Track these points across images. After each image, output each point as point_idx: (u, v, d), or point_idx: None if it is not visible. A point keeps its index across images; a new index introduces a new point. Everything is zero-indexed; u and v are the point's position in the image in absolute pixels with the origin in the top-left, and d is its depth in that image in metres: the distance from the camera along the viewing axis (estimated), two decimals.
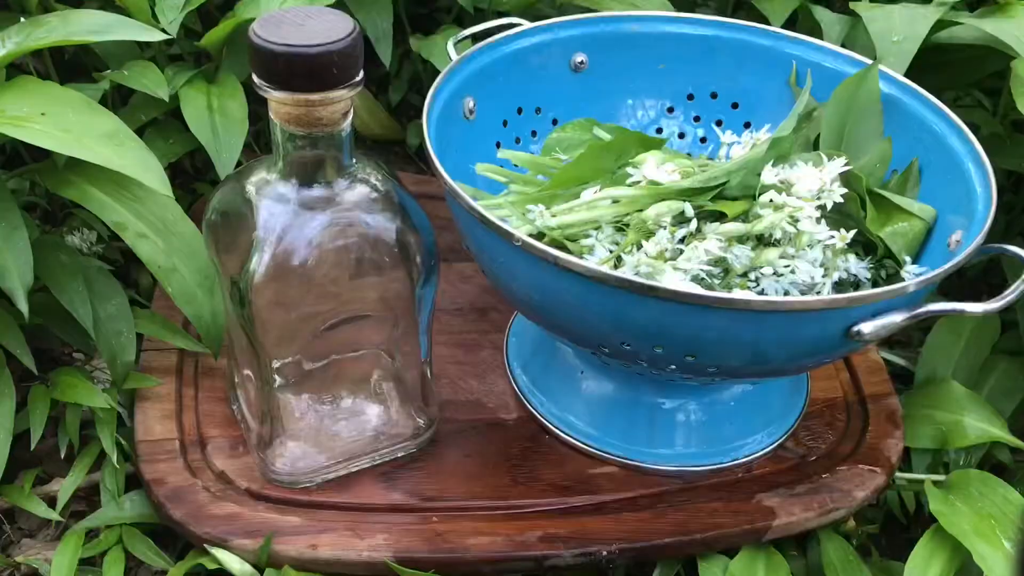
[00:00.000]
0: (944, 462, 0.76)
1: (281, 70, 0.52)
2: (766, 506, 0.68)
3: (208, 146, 0.80)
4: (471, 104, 0.73)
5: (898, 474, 0.74)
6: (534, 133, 0.79)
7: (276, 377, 0.62)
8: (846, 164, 0.66)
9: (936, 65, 0.86)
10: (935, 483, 0.71)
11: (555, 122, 0.79)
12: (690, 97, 0.81)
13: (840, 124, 0.73)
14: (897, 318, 0.56)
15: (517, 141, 0.78)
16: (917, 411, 0.77)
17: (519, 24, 0.77)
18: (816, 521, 0.69)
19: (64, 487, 0.70)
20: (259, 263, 0.56)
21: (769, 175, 0.64)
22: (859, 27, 0.86)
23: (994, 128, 0.88)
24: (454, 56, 0.73)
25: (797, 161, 0.67)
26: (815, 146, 0.74)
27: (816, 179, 0.63)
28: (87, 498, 0.72)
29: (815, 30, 0.89)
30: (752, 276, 0.63)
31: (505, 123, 0.77)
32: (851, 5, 0.87)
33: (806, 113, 0.76)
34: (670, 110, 0.82)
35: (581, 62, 0.79)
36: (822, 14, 0.91)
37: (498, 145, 0.76)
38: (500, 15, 0.79)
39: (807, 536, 0.71)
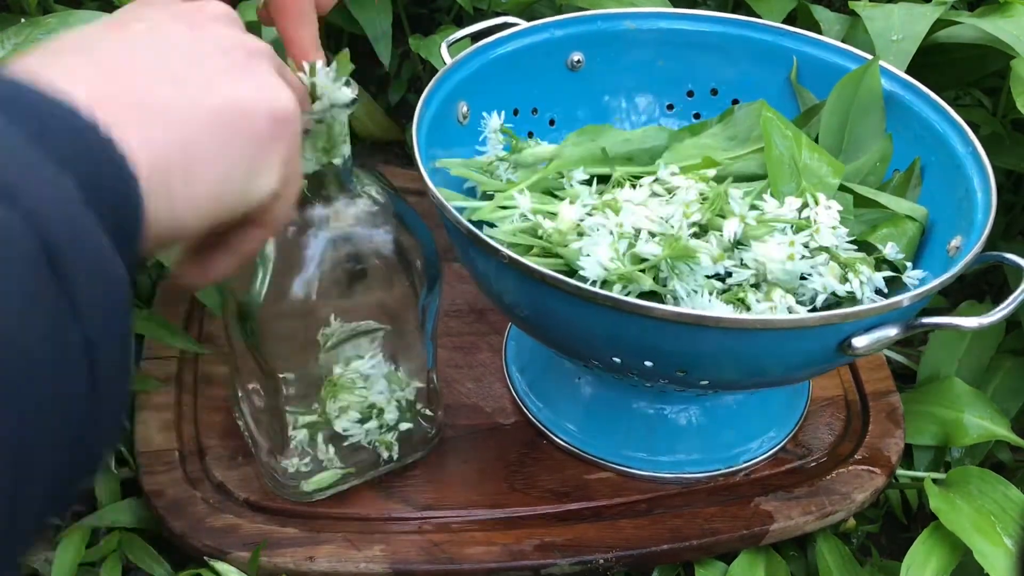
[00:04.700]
0: (946, 460, 0.76)
1: None
2: (764, 510, 0.68)
3: None
4: (464, 109, 0.73)
5: (900, 471, 0.74)
6: (531, 134, 0.78)
7: (284, 392, 0.62)
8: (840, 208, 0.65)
9: (935, 64, 0.85)
10: (935, 481, 0.71)
11: (552, 123, 0.79)
12: (690, 94, 0.80)
13: (841, 121, 0.73)
14: (891, 332, 0.55)
15: None
16: (919, 408, 0.77)
17: (515, 24, 0.76)
18: (815, 524, 0.69)
19: None
20: (264, 285, 0.57)
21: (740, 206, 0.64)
22: (858, 26, 0.86)
23: (994, 127, 0.87)
24: (448, 59, 0.72)
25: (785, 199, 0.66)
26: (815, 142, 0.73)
27: (783, 251, 0.62)
28: (87, 499, 0.72)
29: (814, 29, 0.89)
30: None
31: None
32: (850, 4, 0.87)
33: (808, 110, 0.76)
34: (670, 107, 0.81)
35: (578, 61, 0.78)
36: (821, 13, 0.90)
37: None
38: (499, 15, 0.79)
39: (807, 535, 0.71)
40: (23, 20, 0.70)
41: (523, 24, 0.76)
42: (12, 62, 0.32)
